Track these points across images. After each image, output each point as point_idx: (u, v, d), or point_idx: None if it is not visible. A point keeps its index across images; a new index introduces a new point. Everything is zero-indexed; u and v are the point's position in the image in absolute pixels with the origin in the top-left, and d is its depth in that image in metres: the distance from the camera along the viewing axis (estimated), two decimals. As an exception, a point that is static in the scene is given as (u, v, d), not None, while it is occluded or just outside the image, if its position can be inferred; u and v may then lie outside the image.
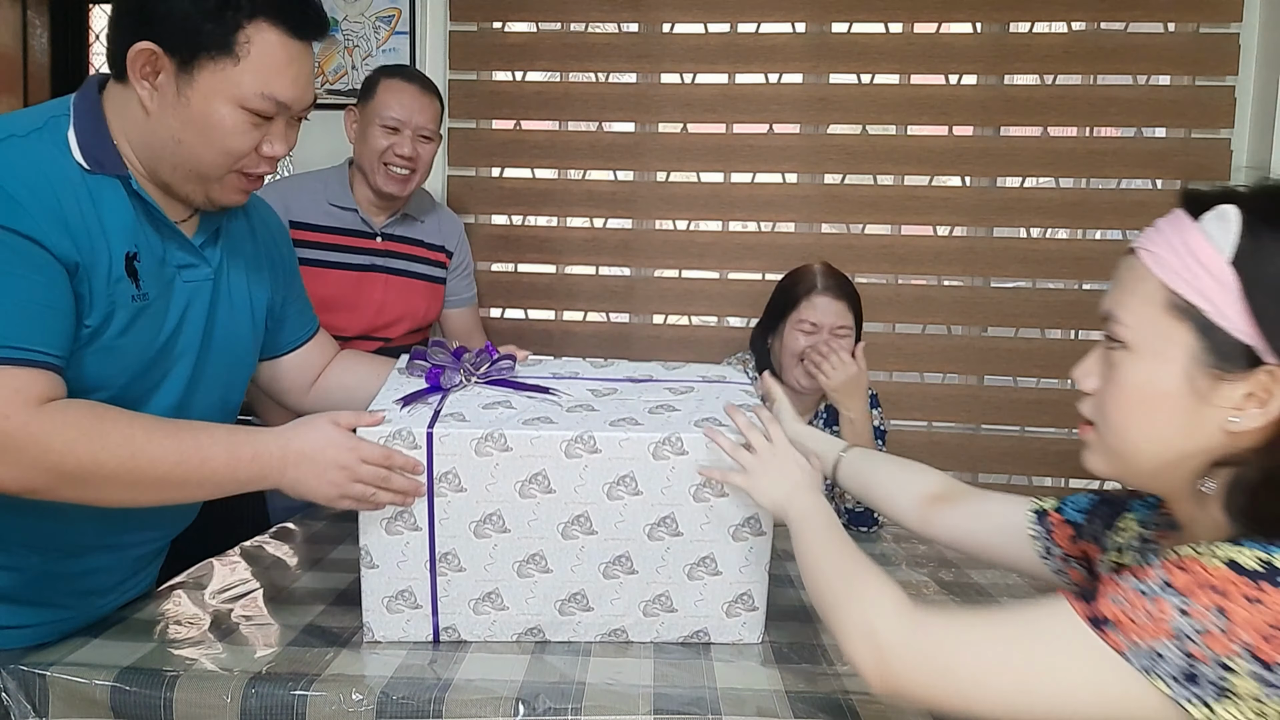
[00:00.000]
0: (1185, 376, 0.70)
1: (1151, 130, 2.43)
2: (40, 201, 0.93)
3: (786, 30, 2.47)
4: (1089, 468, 0.80)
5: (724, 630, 1.10)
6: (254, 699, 0.95)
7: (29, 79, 2.78)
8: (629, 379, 1.23)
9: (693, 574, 1.07)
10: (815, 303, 1.75)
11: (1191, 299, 0.69)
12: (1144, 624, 0.63)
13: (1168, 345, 0.70)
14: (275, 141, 1.04)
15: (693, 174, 2.55)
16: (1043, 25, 2.42)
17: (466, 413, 1.07)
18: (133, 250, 1.01)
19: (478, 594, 1.07)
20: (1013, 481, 2.52)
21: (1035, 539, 0.98)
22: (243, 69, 0.98)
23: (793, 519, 0.95)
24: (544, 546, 1.05)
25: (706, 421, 1.08)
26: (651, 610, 1.09)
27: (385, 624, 1.07)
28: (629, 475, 1.04)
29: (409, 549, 1.05)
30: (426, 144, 1.92)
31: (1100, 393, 0.77)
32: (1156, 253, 0.72)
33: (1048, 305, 2.45)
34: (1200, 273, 0.69)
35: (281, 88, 1.01)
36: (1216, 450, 0.70)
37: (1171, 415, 0.71)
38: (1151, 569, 0.65)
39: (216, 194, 1.06)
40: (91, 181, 0.99)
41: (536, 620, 1.08)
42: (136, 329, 1.03)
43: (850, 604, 0.78)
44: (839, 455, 1.17)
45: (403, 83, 1.90)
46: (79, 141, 0.99)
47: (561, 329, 2.62)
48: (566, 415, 1.08)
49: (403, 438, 1.02)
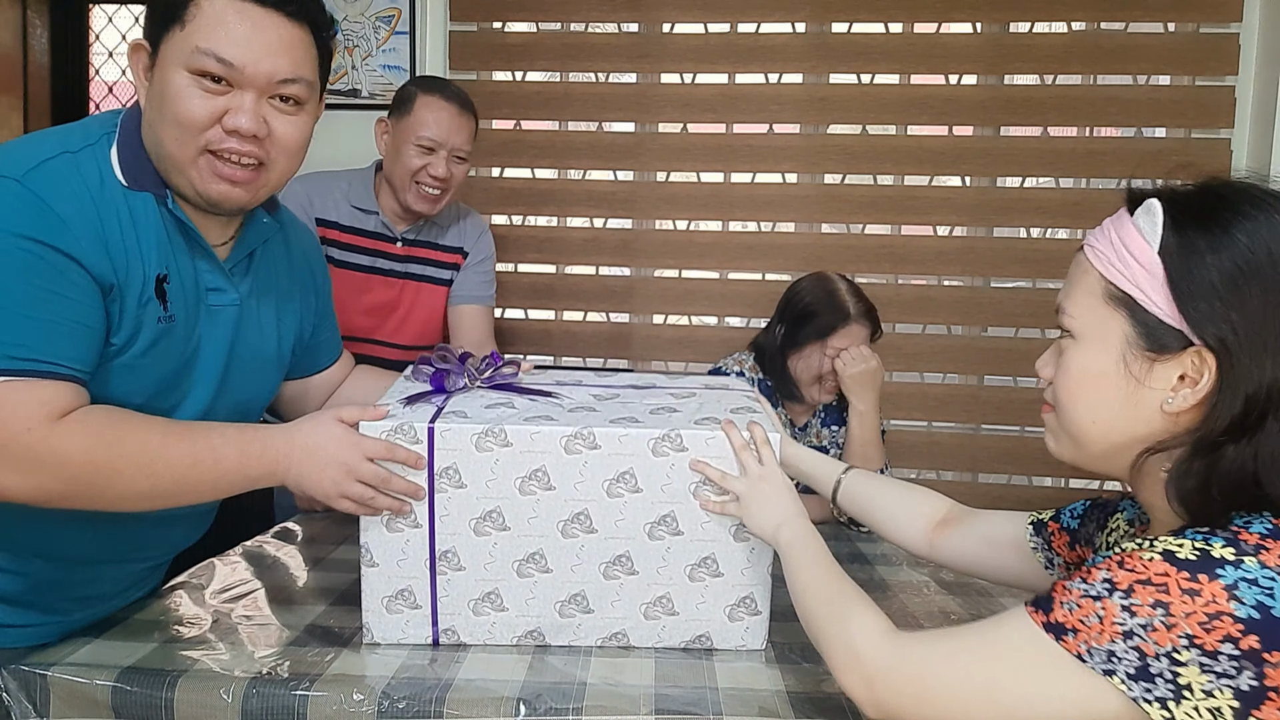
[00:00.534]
0: (1122, 360, 0.74)
1: (1151, 130, 2.43)
2: (84, 220, 0.94)
3: (786, 30, 2.47)
4: (1050, 449, 0.84)
5: (726, 636, 1.09)
6: (255, 699, 0.95)
7: (29, 79, 2.78)
8: (632, 386, 1.24)
9: (694, 575, 1.07)
10: (851, 331, 1.74)
11: (1125, 288, 0.74)
12: (1095, 626, 0.66)
13: (1107, 332, 0.75)
14: (238, 114, 0.97)
15: (693, 174, 2.55)
16: (1043, 25, 2.42)
17: (469, 411, 1.07)
18: (164, 272, 1.01)
19: (477, 594, 1.07)
20: (1013, 481, 2.52)
21: (1036, 550, 0.99)
22: (188, 32, 0.95)
23: (783, 548, 0.97)
24: (544, 545, 1.05)
25: (706, 421, 1.08)
26: (653, 613, 1.08)
27: (385, 625, 1.07)
28: (629, 472, 1.04)
29: (409, 546, 1.05)
30: (460, 164, 1.88)
31: (1054, 380, 0.81)
32: (1097, 248, 0.78)
33: (1048, 305, 2.43)
34: (1132, 263, 0.74)
35: (223, 45, 0.95)
36: (1162, 434, 0.74)
37: (1113, 397, 0.75)
38: (1096, 569, 0.67)
39: (197, 182, 1.00)
40: (132, 199, 1.00)
41: (537, 623, 1.08)
42: (159, 349, 1.03)
43: (837, 632, 0.82)
44: (839, 478, 1.18)
45: (442, 101, 1.83)
46: (120, 157, 1.00)
47: (561, 329, 2.62)
48: (568, 414, 1.08)
49: (404, 432, 1.02)
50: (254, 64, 0.97)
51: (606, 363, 2.62)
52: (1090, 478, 2.48)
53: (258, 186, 1.04)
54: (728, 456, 1.05)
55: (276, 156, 1.03)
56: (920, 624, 1.23)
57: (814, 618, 0.87)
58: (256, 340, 1.16)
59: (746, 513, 1.03)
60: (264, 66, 0.97)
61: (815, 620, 0.86)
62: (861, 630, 0.80)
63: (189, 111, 0.96)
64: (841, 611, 0.83)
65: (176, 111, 0.96)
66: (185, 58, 0.95)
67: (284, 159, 1.04)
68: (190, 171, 0.99)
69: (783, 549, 0.97)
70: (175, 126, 0.97)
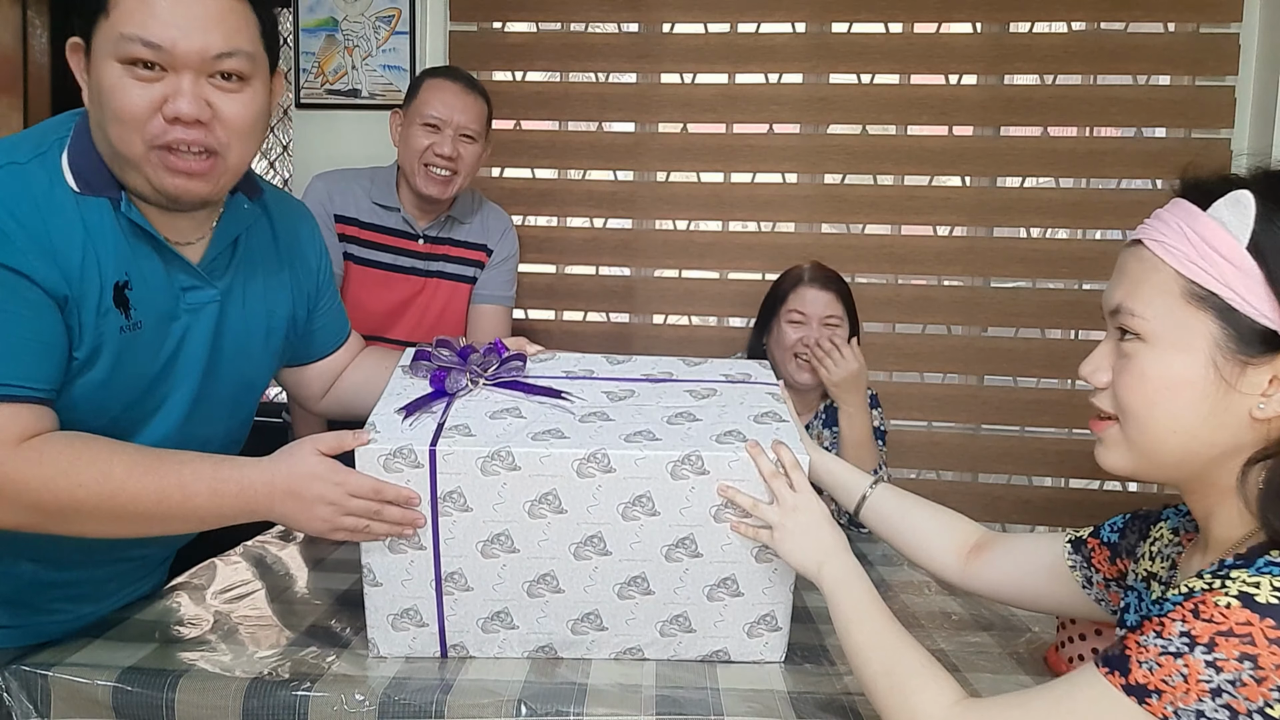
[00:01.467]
0: (1210, 364, 0.69)
1: (1151, 130, 2.43)
2: (29, 234, 0.90)
3: (786, 30, 2.47)
4: (1104, 464, 0.78)
5: (745, 650, 1.05)
6: (256, 700, 0.95)
7: (29, 79, 2.78)
8: (647, 378, 1.16)
9: (713, 595, 1.02)
10: (803, 294, 1.80)
11: (1211, 286, 0.69)
12: (1179, 685, 0.61)
13: (1188, 334, 0.70)
14: (177, 99, 0.91)
15: (693, 174, 2.55)
16: (1043, 25, 2.42)
17: (472, 424, 1.01)
18: (123, 279, 0.97)
19: (486, 613, 1.02)
20: (1013, 481, 2.52)
21: (1074, 569, 0.96)
22: (113, 20, 0.90)
23: (827, 588, 0.92)
24: (555, 567, 1.01)
25: (729, 435, 1.02)
26: (669, 631, 1.04)
27: (391, 641, 1.04)
28: (645, 495, 0.98)
29: (414, 568, 1.01)
30: (469, 144, 1.86)
31: (1117, 386, 0.76)
32: (1166, 242, 0.72)
33: (1048, 305, 2.46)
34: (1218, 260, 0.69)
35: (148, 26, 0.89)
36: (1245, 441, 0.70)
37: (1197, 404, 0.70)
38: (1170, 621, 0.63)
39: (152, 178, 0.95)
40: (85, 206, 0.95)
41: (548, 639, 1.04)
42: (127, 360, 1.00)
43: (898, 704, 0.79)
44: (865, 492, 1.11)
45: (446, 81, 1.86)
46: (70, 163, 0.96)
47: (561, 329, 2.62)
48: (579, 426, 1.02)
49: (404, 456, 0.96)
50: (184, 40, 0.90)
51: (607, 363, 2.61)
52: (1091, 478, 2.48)
53: (216, 176, 0.98)
54: (753, 478, 0.99)
55: (229, 140, 0.96)
56: (920, 624, 1.23)
57: (874, 687, 0.83)
58: (243, 329, 1.12)
59: (781, 546, 0.96)
60: (195, 42, 0.91)
61: (875, 689, 0.83)
62: (925, 706, 0.76)
63: (125, 104, 0.91)
64: (903, 683, 0.80)
65: (115, 107, 0.91)
66: (113, 47, 0.90)
67: (237, 141, 0.97)
68: (144, 169, 0.94)
69: (827, 589, 0.91)
70: (117, 123, 0.92)
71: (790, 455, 1.00)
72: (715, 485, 0.98)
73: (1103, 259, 2.44)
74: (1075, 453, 2.45)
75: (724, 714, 0.93)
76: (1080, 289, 2.46)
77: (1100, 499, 2.46)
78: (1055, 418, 2.47)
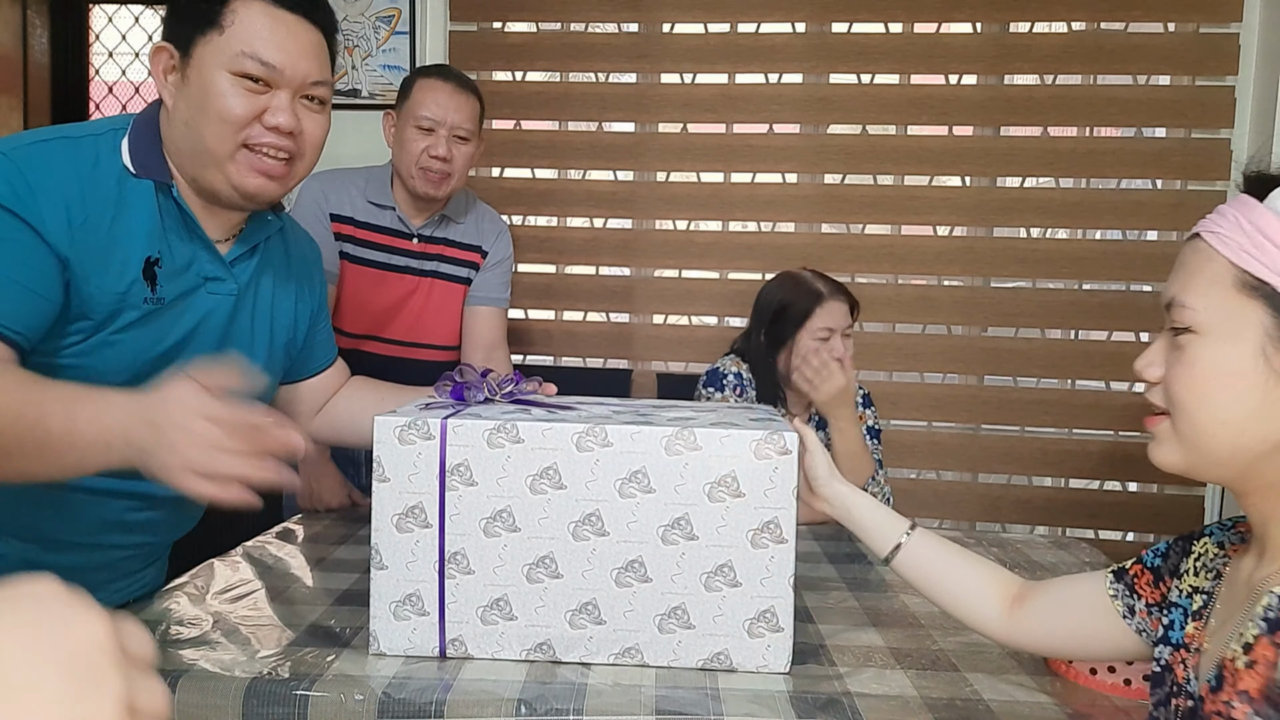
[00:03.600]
0: (1260, 355, 0.68)
1: (1151, 130, 2.44)
2: (51, 194, 0.98)
3: (786, 30, 2.47)
4: (1156, 460, 0.77)
5: (747, 655, 1.05)
6: (256, 699, 0.95)
7: (29, 79, 2.78)
8: (653, 406, 1.23)
9: (710, 584, 1.04)
10: (830, 308, 1.75)
11: (1263, 275, 0.68)
12: None
13: (1239, 324, 0.69)
14: (278, 112, 1.06)
15: (693, 174, 2.55)
16: (1043, 25, 2.43)
17: (483, 414, 1.08)
18: (154, 255, 1.06)
19: (486, 600, 1.05)
20: (1013, 481, 2.52)
21: (1115, 598, 0.92)
22: (228, 37, 1.03)
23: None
24: (554, 548, 1.04)
25: (725, 425, 1.06)
26: (667, 626, 1.05)
27: (392, 633, 1.06)
28: (641, 470, 1.03)
29: (419, 548, 1.05)
30: (463, 145, 1.86)
31: (1168, 379, 0.75)
32: (1221, 233, 0.71)
33: (1048, 305, 2.46)
34: (1271, 249, 0.68)
35: (264, 49, 1.04)
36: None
37: (1246, 395, 0.69)
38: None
39: (234, 175, 1.06)
40: (128, 185, 1.04)
41: (546, 634, 1.05)
42: (141, 328, 1.06)
43: None
44: (901, 540, 1.05)
45: (438, 81, 1.85)
46: (130, 147, 1.06)
47: (561, 329, 2.62)
48: (581, 419, 1.08)
49: (417, 428, 1.03)
50: (291, 66, 1.06)
51: (606, 363, 2.62)
52: (1091, 478, 2.48)
53: (288, 179, 1.11)
54: (743, 457, 1.02)
55: (305, 151, 1.11)
56: (920, 624, 1.23)
57: None
58: (250, 327, 1.19)
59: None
60: (300, 69, 1.06)
61: None
62: None
63: (232, 109, 1.03)
64: None
65: (220, 109, 1.03)
66: (228, 61, 1.03)
67: (310, 153, 1.13)
68: (228, 166, 1.05)
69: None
70: (219, 123, 1.04)
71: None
72: (708, 462, 1.03)
73: (1103, 259, 2.44)
74: (1075, 453, 2.46)
75: (724, 715, 0.93)
76: (1080, 289, 2.46)
77: (1100, 499, 2.46)
78: (1055, 418, 2.47)
